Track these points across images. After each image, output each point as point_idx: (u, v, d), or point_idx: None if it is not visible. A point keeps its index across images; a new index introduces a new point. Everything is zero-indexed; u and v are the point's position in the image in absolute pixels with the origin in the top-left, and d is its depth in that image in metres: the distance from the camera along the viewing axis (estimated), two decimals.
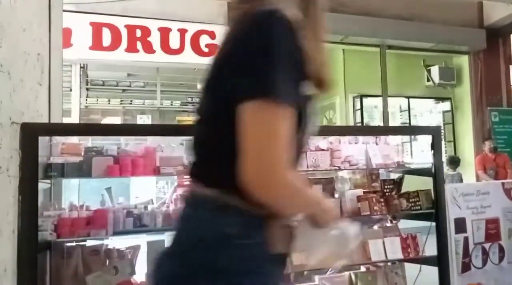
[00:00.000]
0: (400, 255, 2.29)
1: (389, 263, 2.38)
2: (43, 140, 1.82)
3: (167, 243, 2.02)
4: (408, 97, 6.61)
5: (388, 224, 2.48)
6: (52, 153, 1.98)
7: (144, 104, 5.59)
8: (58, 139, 2.01)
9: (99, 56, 4.53)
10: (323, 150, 2.31)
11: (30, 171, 1.68)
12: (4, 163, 1.50)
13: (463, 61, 6.61)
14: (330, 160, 2.31)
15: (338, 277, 2.28)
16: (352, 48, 5.92)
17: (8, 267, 1.51)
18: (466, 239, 2.27)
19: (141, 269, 1.96)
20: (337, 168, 2.31)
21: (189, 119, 6.05)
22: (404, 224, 2.41)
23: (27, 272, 1.60)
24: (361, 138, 2.45)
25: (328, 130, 2.42)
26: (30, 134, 1.70)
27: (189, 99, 5.85)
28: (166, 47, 4.73)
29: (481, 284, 2.31)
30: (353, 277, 2.31)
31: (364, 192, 2.28)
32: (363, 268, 2.36)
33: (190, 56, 4.80)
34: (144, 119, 5.43)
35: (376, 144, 2.44)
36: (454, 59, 6.77)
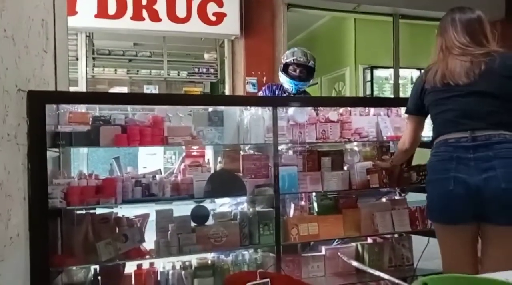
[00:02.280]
0: (408, 228, 2.30)
1: (396, 235, 2.39)
2: (50, 109, 1.81)
3: (175, 212, 2.04)
4: (420, 69, 6.43)
5: (397, 197, 2.47)
6: (60, 121, 1.97)
7: (150, 74, 5.51)
8: (65, 108, 2.00)
9: (104, 24, 4.44)
10: (333, 122, 2.28)
11: (38, 139, 1.68)
12: (12, 131, 1.50)
13: None
14: (340, 132, 2.27)
15: (345, 248, 2.30)
16: (364, 17, 5.72)
17: (20, 232, 1.54)
18: None
19: (150, 237, 1.99)
20: (347, 140, 2.28)
21: (196, 90, 5.99)
22: (413, 197, 2.40)
23: (39, 237, 1.63)
24: (372, 110, 2.40)
25: (339, 101, 2.36)
26: (37, 102, 1.68)
27: (196, 70, 5.76)
28: (172, 15, 4.61)
29: None
30: (359, 248, 2.32)
31: (373, 164, 2.26)
32: (370, 240, 2.37)
33: (197, 25, 4.68)
34: (151, 89, 5.38)
35: (388, 116, 2.39)
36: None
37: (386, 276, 0.57)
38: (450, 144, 1.54)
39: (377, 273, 0.58)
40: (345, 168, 2.30)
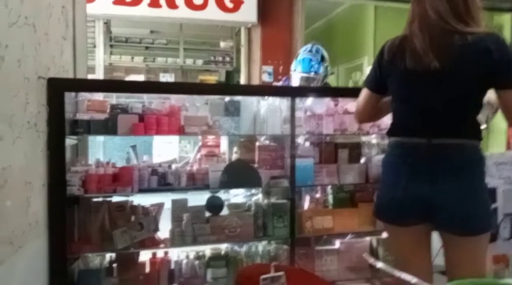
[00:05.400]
0: None
1: None
2: (69, 96, 1.82)
3: (189, 202, 2.05)
4: None
5: None
6: (78, 109, 1.99)
7: (167, 62, 5.51)
8: (84, 96, 2.01)
9: (122, 11, 4.44)
10: (351, 113, 2.23)
11: (57, 127, 1.69)
12: (32, 118, 1.51)
13: (505, 21, 6.13)
14: (358, 124, 2.23)
15: (358, 243, 2.27)
16: (385, 4, 5.56)
17: (40, 219, 1.57)
18: (495, 210, 2.20)
19: (164, 226, 2.01)
20: (366, 132, 2.24)
21: (212, 78, 5.97)
22: None
23: (57, 224, 1.66)
24: None
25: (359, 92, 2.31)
26: (57, 89, 1.69)
27: (212, 58, 5.73)
28: (189, 3, 4.58)
29: (507, 255, 2.26)
30: (374, 242, 2.30)
31: None
32: (385, 234, 2.34)
33: (214, 12, 4.64)
34: (166, 78, 5.38)
35: None
36: (495, 18, 6.28)
37: (414, 280, 0.55)
38: (405, 148, 1.41)
39: (403, 275, 0.56)
40: (362, 161, 2.26)
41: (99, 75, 4.76)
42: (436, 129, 1.35)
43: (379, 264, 0.64)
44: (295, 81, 2.64)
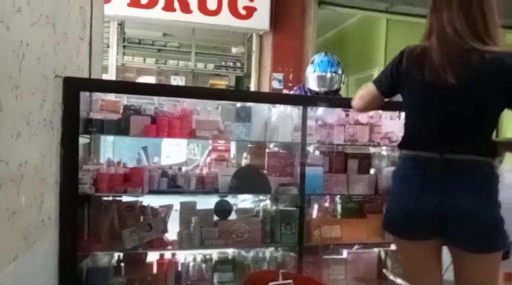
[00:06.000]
0: None
1: None
2: (83, 95, 1.84)
3: (198, 205, 2.05)
4: None
5: None
6: (92, 108, 2.00)
7: (178, 65, 5.54)
8: (97, 95, 2.03)
9: (136, 13, 4.49)
10: (362, 124, 2.23)
11: (72, 125, 1.71)
12: (48, 116, 1.53)
13: None
14: (369, 135, 2.23)
15: (367, 254, 2.26)
16: (397, 18, 5.57)
17: (51, 215, 1.58)
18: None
19: (172, 228, 2.01)
20: (376, 144, 2.23)
21: (222, 83, 6.00)
22: None
23: (68, 221, 1.67)
24: (403, 115, 2.33)
25: None
26: (72, 88, 1.71)
27: (223, 63, 5.75)
28: (203, 8, 4.62)
29: None
30: (382, 254, 2.28)
31: None
32: (393, 247, 2.32)
33: (227, 18, 4.67)
34: (177, 80, 5.41)
35: None
36: (508, 36, 6.27)
37: None
38: (418, 161, 1.38)
39: None
40: (372, 172, 2.25)
41: (111, 74, 4.81)
42: (450, 144, 1.32)
43: (399, 281, 0.64)
44: (313, 83, 2.68)
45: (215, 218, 2.05)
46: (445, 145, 1.33)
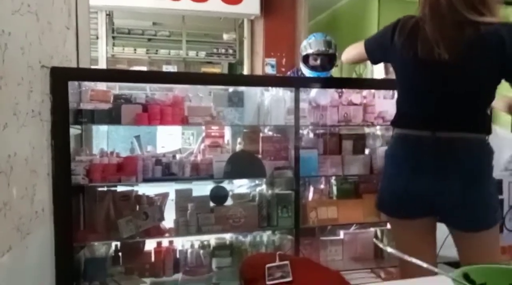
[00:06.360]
0: None
1: None
2: (72, 86, 1.81)
3: (194, 192, 2.05)
4: None
5: None
6: (82, 99, 1.98)
7: (169, 54, 5.49)
8: (87, 86, 2.00)
9: (125, 2, 4.42)
10: (356, 104, 2.22)
11: (61, 116, 1.69)
12: (36, 107, 1.50)
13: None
14: (363, 115, 2.22)
15: (363, 233, 2.27)
16: None
17: (45, 207, 1.57)
18: (501, 202, 2.19)
19: (169, 216, 2.01)
20: (370, 123, 2.22)
21: (215, 70, 5.95)
22: None
23: (63, 212, 1.66)
24: (396, 93, 2.32)
25: (363, 83, 2.29)
26: (60, 78, 1.68)
27: (215, 50, 5.70)
28: None
29: None
30: (378, 233, 2.30)
31: None
32: (389, 226, 2.34)
33: (217, 4, 4.61)
34: (169, 69, 5.36)
35: None
36: (501, 11, 6.22)
37: (424, 264, 0.55)
38: (409, 140, 1.35)
39: (414, 260, 0.55)
40: (367, 152, 2.25)
41: (102, 66, 4.75)
42: (442, 122, 1.30)
43: (389, 249, 0.64)
44: (316, 44, 2.71)
45: (211, 204, 2.05)
46: (437, 123, 1.30)
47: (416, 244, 1.39)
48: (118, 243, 1.98)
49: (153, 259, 2.01)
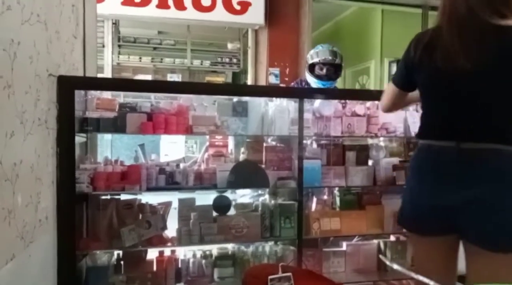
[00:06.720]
0: None
1: None
2: (78, 94, 1.83)
3: (197, 201, 2.05)
4: None
5: None
6: (87, 107, 2.00)
7: (174, 63, 5.54)
8: (93, 94, 2.02)
9: (130, 11, 4.47)
10: (359, 115, 2.23)
11: (67, 124, 1.70)
12: (42, 115, 1.52)
13: None
14: (367, 126, 2.22)
15: (366, 245, 2.26)
16: (392, 8, 5.56)
17: (49, 215, 1.57)
18: None
19: (172, 225, 2.01)
20: (374, 135, 2.23)
21: (219, 79, 5.99)
22: None
23: (66, 220, 1.66)
24: None
25: (367, 95, 2.30)
26: (67, 87, 1.70)
27: (219, 59, 5.75)
28: (197, 4, 4.61)
29: None
30: (382, 245, 2.28)
31: (400, 161, 2.20)
32: (393, 238, 2.32)
33: (222, 14, 4.66)
34: (174, 78, 5.40)
35: (416, 111, 2.32)
36: None
37: (431, 282, 0.54)
38: (432, 151, 1.30)
39: (421, 278, 0.55)
40: (370, 163, 2.25)
41: (107, 74, 4.80)
42: (467, 132, 1.22)
43: (395, 266, 0.63)
44: (322, 53, 2.75)
45: (214, 213, 2.05)
46: (461, 133, 1.23)
47: (435, 263, 1.33)
48: (120, 252, 1.98)
49: (155, 268, 2.00)
